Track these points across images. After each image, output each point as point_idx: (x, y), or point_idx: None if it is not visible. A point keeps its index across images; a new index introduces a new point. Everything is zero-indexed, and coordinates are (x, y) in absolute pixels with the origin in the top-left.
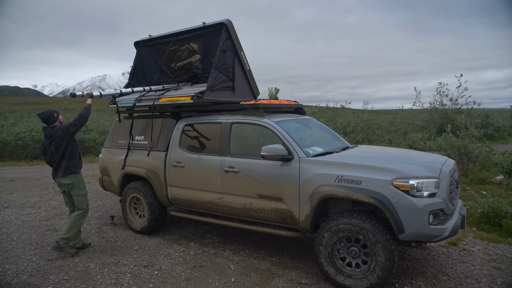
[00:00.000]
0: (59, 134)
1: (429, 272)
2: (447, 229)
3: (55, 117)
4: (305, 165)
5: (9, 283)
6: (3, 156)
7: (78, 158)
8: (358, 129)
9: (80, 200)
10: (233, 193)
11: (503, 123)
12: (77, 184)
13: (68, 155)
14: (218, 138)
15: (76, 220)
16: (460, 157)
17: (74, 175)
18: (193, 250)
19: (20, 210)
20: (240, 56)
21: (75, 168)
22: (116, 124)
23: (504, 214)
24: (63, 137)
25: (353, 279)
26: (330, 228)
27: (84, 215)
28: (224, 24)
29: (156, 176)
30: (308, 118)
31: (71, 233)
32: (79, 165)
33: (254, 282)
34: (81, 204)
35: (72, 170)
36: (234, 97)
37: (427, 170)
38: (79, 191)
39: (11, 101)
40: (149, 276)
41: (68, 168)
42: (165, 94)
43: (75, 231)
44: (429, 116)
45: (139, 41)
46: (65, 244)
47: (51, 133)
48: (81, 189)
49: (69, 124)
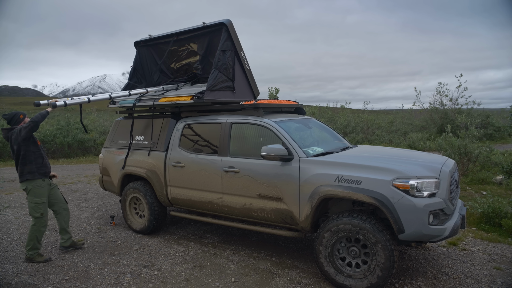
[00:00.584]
0: (13, 137)
1: (429, 272)
2: (447, 229)
3: (20, 119)
4: (305, 165)
5: (9, 283)
6: (3, 156)
7: (34, 163)
8: (358, 129)
9: (33, 208)
10: (233, 193)
11: (503, 123)
12: (32, 190)
13: (22, 160)
14: (218, 138)
15: (33, 231)
16: (460, 157)
17: (29, 181)
18: (193, 250)
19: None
20: (240, 56)
21: (29, 174)
22: (116, 124)
23: (504, 214)
24: (16, 140)
25: (353, 279)
26: (330, 228)
27: (40, 224)
28: (224, 24)
29: (156, 176)
30: (308, 118)
31: (30, 244)
32: (37, 171)
33: (254, 282)
34: (34, 212)
35: (26, 177)
36: (234, 97)
37: (427, 170)
38: (34, 198)
39: (11, 101)
40: (149, 276)
41: (22, 174)
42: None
43: (32, 242)
44: (429, 116)
45: (139, 41)
46: (32, 255)
47: (7, 136)
48: (36, 196)
49: (21, 127)
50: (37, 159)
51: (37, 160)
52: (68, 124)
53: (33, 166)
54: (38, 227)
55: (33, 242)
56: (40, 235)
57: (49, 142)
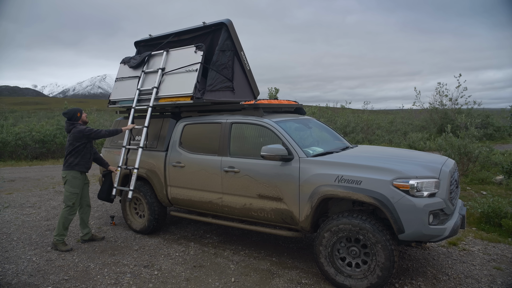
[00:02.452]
0: (76, 132)
1: (429, 272)
2: (447, 229)
3: (77, 117)
4: (305, 165)
5: (9, 283)
6: (3, 156)
7: (82, 158)
8: (358, 129)
9: (67, 196)
10: (233, 193)
11: (503, 123)
12: (69, 180)
13: (74, 152)
14: (218, 138)
15: (62, 217)
16: (460, 157)
17: (69, 172)
18: (193, 250)
19: (20, 210)
20: (240, 56)
21: (77, 166)
22: (116, 124)
23: (504, 214)
24: (77, 135)
25: (353, 279)
26: (330, 228)
27: (69, 212)
28: (224, 24)
29: (156, 176)
30: (308, 118)
31: (57, 230)
32: (84, 165)
33: (254, 282)
34: (67, 200)
35: (73, 167)
36: (234, 97)
37: (427, 170)
38: (70, 188)
39: (11, 101)
40: (149, 276)
41: (68, 164)
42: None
43: (60, 228)
44: (429, 116)
45: (139, 40)
46: (58, 241)
47: (69, 128)
48: (72, 186)
49: (90, 129)
50: (86, 154)
51: (85, 156)
52: None
53: (81, 159)
54: (67, 214)
55: (60, 228)
56: (67, 222)
57: (49, 142)
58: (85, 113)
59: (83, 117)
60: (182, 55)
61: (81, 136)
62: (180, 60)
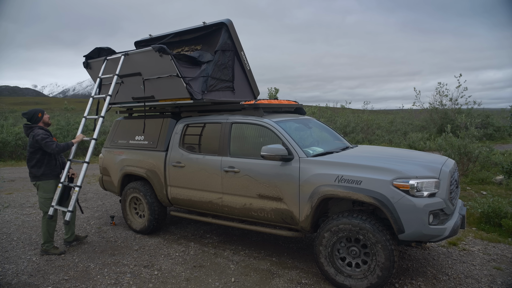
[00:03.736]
0: (31, 139)
1: (429, 272)
2: (447, 229)
3: (38, 117)
4: (305, 165)
5: (9, 283)
6: (3, 156)
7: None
8: (358, 129)
9: (42, 203)
10: (233, 193)
11: (503, 123)
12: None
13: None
14: (218, 138)
15: (43, 225)
16: (460, 157)
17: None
18: (193, 250)
19: (20, 210)
20: (241, 56)
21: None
22: (116, 124)
23: (504, 214)
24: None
25: (353, 279)
26: (330, 228)
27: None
28: (224, 23)
29: (156, 176)
30: (308, 118)
31: (44, 238)
32: (50, 173)
33: (254, 282)
34: (43, 207)
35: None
36: (234, 97)
37: (427, 170)
38: (43, 194)
39: (11, 101)
40: (149, 276)
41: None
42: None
43: (46, 236)
44: (429, 116)
45: (140, 40)
46: (47, 247)
47: (27, 133)
48: (45, 192)
49: (42, 138)
50: (50, 161)
51: (50, 163)
52: (68, 124)
53: (45, 169)
54: (48, 220)
55: (46, 236)
56: (51, 228)
57: None
58: (47, 114)
59: (45, 119)
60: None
61: (37, 144)
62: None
